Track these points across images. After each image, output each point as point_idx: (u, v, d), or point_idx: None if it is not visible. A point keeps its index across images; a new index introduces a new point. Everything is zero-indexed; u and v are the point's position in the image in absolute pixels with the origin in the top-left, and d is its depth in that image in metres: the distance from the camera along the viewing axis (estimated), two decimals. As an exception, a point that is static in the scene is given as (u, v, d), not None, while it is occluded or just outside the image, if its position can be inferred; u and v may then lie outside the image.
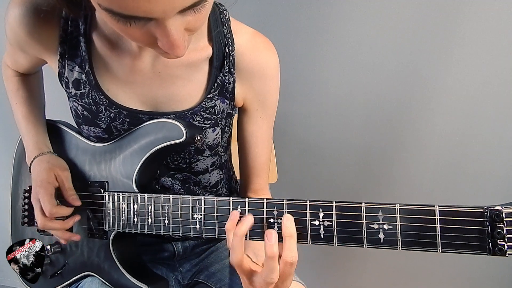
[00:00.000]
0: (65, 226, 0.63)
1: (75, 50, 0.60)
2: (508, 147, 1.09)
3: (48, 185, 0.63)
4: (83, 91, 0.62)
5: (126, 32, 0.42)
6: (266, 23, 1.13)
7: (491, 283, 1.22)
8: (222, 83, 0.63)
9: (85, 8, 0.50)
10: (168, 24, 0.40)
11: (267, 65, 0.64)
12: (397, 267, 1.30)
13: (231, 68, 0.62)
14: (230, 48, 0.61)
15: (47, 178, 0.64)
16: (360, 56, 1.12)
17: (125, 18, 0.39)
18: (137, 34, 0.42)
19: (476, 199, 1.15)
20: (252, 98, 0.66)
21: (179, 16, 0.40)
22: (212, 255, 0.76)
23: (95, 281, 0.65)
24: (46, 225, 0.62)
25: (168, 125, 0.59)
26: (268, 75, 0.65)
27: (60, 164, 0.67)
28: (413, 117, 1.13)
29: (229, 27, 0.62)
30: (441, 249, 0.41)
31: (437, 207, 0.41)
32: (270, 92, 0.67)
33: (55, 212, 0.61)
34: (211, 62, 0.62)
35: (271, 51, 0.65)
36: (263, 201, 0.50)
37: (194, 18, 0.42)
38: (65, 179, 0.65)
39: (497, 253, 0.38)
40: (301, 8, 1.11)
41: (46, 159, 0.67)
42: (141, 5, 0.36)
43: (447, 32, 1.03)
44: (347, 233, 0.45)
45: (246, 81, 0.64)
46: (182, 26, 0.42)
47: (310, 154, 1.26)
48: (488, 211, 0.39)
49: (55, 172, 0.65)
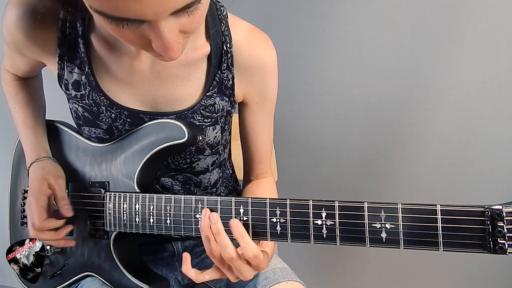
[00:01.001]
0: (57, 237, 0.63)
1: (74, 51, 0.60)
2: (508, 147, 1.09)
3: (40, 196, 0.62)
4: (83, 93, 0.62)
5: (120, 34, 0.42)
6: (266, 23, 1.13)
7: (491, 283, 1.23)
8: (220, 80, 0.63)
9: (81, 10, 0.50)
10: (161, 26, 0.39)
11: (266, 60, 0.64)
12: (397, 267, 1.30)
13: (230, 65, 0.62)
14: (227, 45, 0.61)
15: (39, 188, 0.63)
16: (360, 56, 1.12)
17: (117, 21, 0.38)
18: (130, 36, 0.42)
19: (476, 198, 1.15)
20: (252, 93, 0.67)
21: (172, 18, 0.40)
22: (212, 255, 0.76)
23: (95, 281, 0.65)
24: (38, 235, 0.62)
25: (170, 126, 0.59)
26: (267, 69, 0.65)
27: (54, 171, 0.66)
28: (413, 117, 1.13)
29: (226, 23, 0.62)
30: (442, 248, 0.41)
31: (438, 206, 0.42)
32: (270, 86, 0.68)
33: (44, 226, 0.61)
34: (209, 60, 0.62)
35: (269, 46, 0.65)
36: (265, 201, 0.50)
37: (188, 20, 0.42)
38: (58, 187, 0.64)
39: (498, 252, 0.39)
40: (301, 8, 1.11)
41: (42, 165, 0.66)
42: (132, 7, 0.36)
43: (447, 32, 1.04)
44: (350, 233, 0.45)
45: (245, 77, 0.64)
46: (176, 28, 0.41)
47: (310, 154, 1.26)
48: (489, 210, 0.40)
49: (48, 180, 0.64)
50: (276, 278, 0.64)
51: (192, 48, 0.60)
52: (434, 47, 1.05)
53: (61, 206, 0.64)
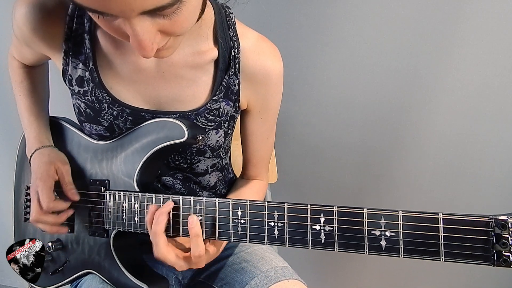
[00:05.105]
0: (58, 221, 0.63)
1: (80, 47, 0.60)
2: (508, 147, 1.09)
3: (48, 178, 0.63)
4: (87, 89, 0.61)
5: (101, 24, 0.42)
6: (266, 23, 1.12)
7: (491, 283, 1.22)
8: (227, 85, 0.62)
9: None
10: (133, 23, 0.39)
11: (272, 70, 0.64)
12: (397, 267, 1.30)
13: (237, 70, 0.62)
14: (235, 51, 0.61)
15: (47, 171, 0.64)
16: (360, 56, 1.11)
17: (90, 11, 0.39)
18: (108, 27, 0.42)
19: (476, 199, 1.15)
20: (255, 101, 0.66)
21: (147, 18, 0.40)
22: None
23: (95, 279, 0.65)
24: (40, 218, 0.62)
25: (170, 125, 0.59)
26: (273, 80, 0.64)
27: (60, 157, 0.67)
28: (413, 117, 1.13)
29: (235, 30, 0.62)
30: (444, 258, 0.40)
31: (441, 215, 0.40)
32: (273, 97, 0.67)
33: (53, 206, 0.62)
34: (216, 64, 0.61)
35: (277, 57, 0.64)
36: (263, 204, 0.49)
37: (169, 23, 0.41)
38: (65, 172, 0.65)
39: (502, 264, 0.37)
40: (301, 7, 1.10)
41: (47, 152, 0.67)
42: (99, 1, 0.37)
43: (447, 32, 1.02)
44: (348, 239, 0.44)
45: (250, 85, 0.64)
46: (152, 27, 0.41)
47: (310, 154, 1.25)
48: (493, 221, 0.38)
49: (55, 165, 0.65)
50: (277, 276, 0.64)
51: (198, 51, 0.60)
52: (434, 47, 1.04)
53: (68, 190, 0.64)
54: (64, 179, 0.65)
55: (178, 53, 0.59)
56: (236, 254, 0.72)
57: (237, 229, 0.51)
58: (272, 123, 0.72)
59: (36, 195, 0.62)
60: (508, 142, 1.08)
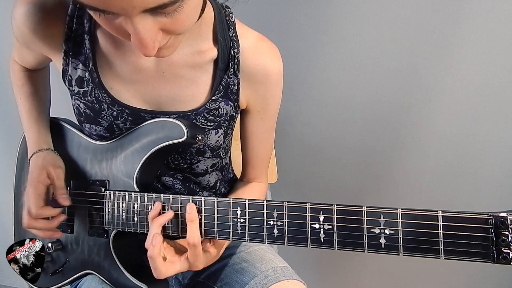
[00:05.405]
0: (49, 227, 0.63)
1: (79, 47, 0.60)
2: (508, 147, 1.09)
3: (38, 184, 0.63)
4: (86, 89, 0.62)
5: (101, 22, 0.42)
6: (266, 23, 1.12)
7: (491, 283, 1.22)
8: (226, 85, 0.62)
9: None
10: (134, 21, 0.39)
11: (272, 70, 0.64)
12: (397, 267, 1.30)
13: (236, 70, 0.62)
14: (235, 51, 0.61)
15: (38, 176, 0.64)
16: (360, 56, 1.11)
17: (91, 10, 0.39)
18: (109, 26, 0.42)
19: (476, 199, 1.15)
20: (254, 101, 0.66)
21: (149, 16, 0.40)
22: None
23: (95, 279, 0.65)
24: (31, 224, 0.62)
25: (170, 124, 0.59)
26: (272, 79, 0.64)
27: (54, 161, 0.67)
28: (413, 117, 1.13)
29: (234, 29, 0.62)
30: (443, 256, 0.40)
31: (440, 212, 0.40)
32: (273, 97, 0.67)
33: (39, 213, 0.62)
34: (216, 64, 0.61)
35: (276, 56, 0.64)
36: (263, 203, 0.49)
37: (170, 21, 0.41)
38: (56, 177, 0.65)
39: (502, 261, 0.37)
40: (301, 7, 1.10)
41: (42, 156, 0.67)
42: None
43: (447, 32, 1.02)
44: (348, 238, 0.44)
45: (250, 84, 0.64)
46: (154, 26, 0.41)
47: (310, 154, 1.26)
48: (492, 218, 0.38)
49: (47, 169, 0.65)
50: (277, 276, 0.64)
51: (198, 51, 0.60)
52: (434, 47, 1.05)
53: (58, 195, 0.64)
54: (55, 183, 0.64)
55: (177, 52, 0.59)
56: (236, 254, 0.72)
57: (236, 228, 0.51)
58: (272, 123, 0.71)
59: (27, 200, 0.63)
60: (508, 142, 1.09)
